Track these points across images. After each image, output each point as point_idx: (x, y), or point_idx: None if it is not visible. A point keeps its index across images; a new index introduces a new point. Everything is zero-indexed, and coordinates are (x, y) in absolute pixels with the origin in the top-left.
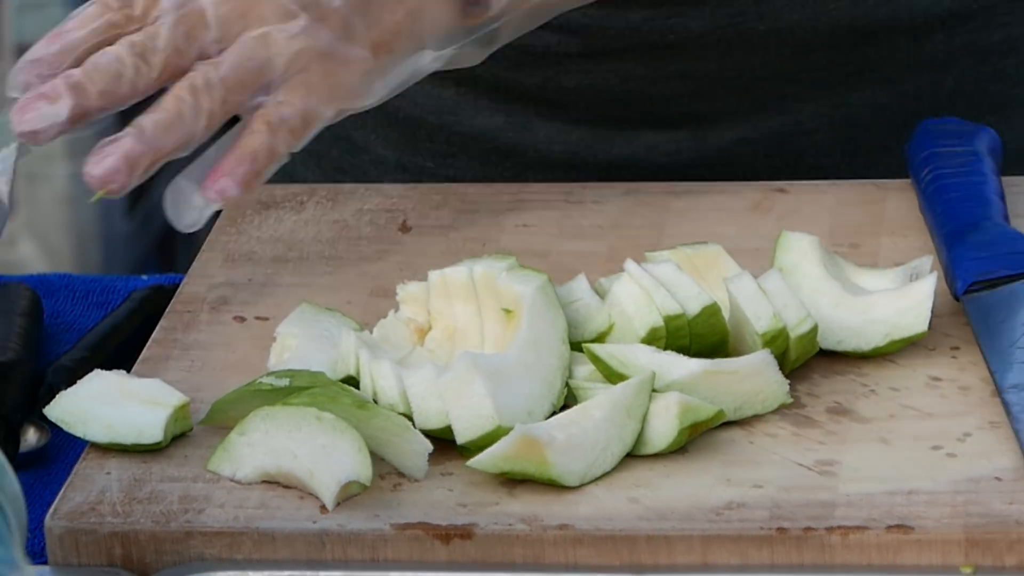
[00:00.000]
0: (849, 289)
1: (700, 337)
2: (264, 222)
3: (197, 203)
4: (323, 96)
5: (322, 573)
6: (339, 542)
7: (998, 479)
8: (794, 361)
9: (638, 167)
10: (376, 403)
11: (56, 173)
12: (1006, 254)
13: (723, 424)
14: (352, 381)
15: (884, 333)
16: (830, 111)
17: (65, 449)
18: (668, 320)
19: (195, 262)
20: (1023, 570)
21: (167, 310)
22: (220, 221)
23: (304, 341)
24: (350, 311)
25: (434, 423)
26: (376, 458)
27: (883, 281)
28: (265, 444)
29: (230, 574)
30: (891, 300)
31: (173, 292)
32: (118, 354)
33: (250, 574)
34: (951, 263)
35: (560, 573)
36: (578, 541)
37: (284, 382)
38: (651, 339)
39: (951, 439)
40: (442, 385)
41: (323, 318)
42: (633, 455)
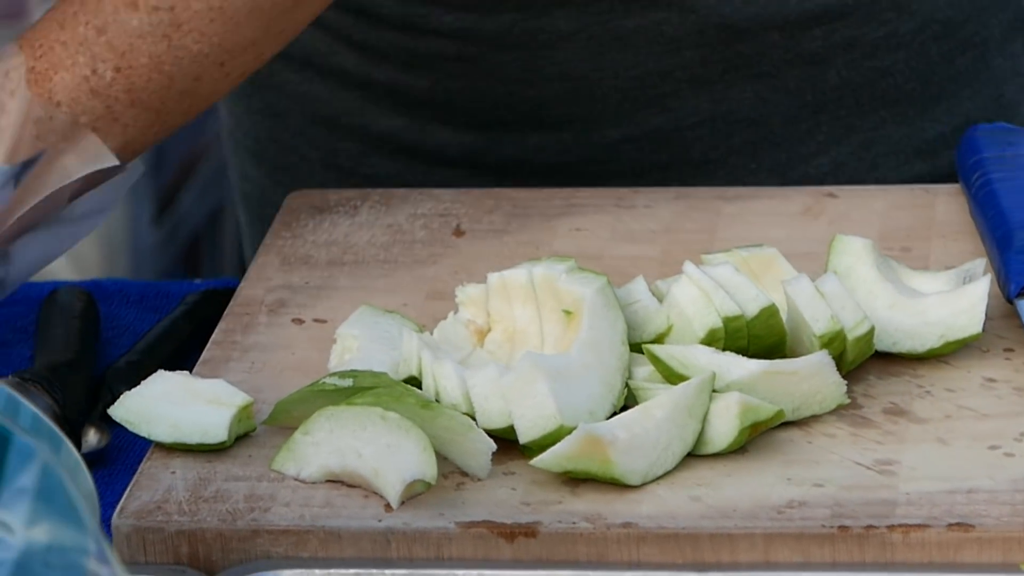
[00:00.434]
0: (903, 292)
1: (758, 339)
2: (319, 226)
3: None
4: None
5: (387, 571)
6: (404, 540)
7: None
8: (851, 363)
9: (531, 168)
10: (439, 403)
11: None
12: None
13: (781, 424)
14: (414, 382)
15: (939, 335)
16: (710, 107)
17: (125, 450)
18: (727, 321)
19: (252, 266)
20: None
21: (226, 312)
22: (275, 225)
23: (365, 342)
24: (407, 313)
25: (497, 423)
26: (439, 457)
27: (936, 284)
28: (330, 443)
29: (296, 572)
30: (945, 302)
31: (225, 296)
32: (173, 356)
33: (316, 572)
34: (1004, 266)
35: (623, 571)
36: (641, 539)
37: (347, 382)
38: (710, 340)
39: (1008, 439)
40: (505, 385)
41: (383, 320)
42: (694, 454)
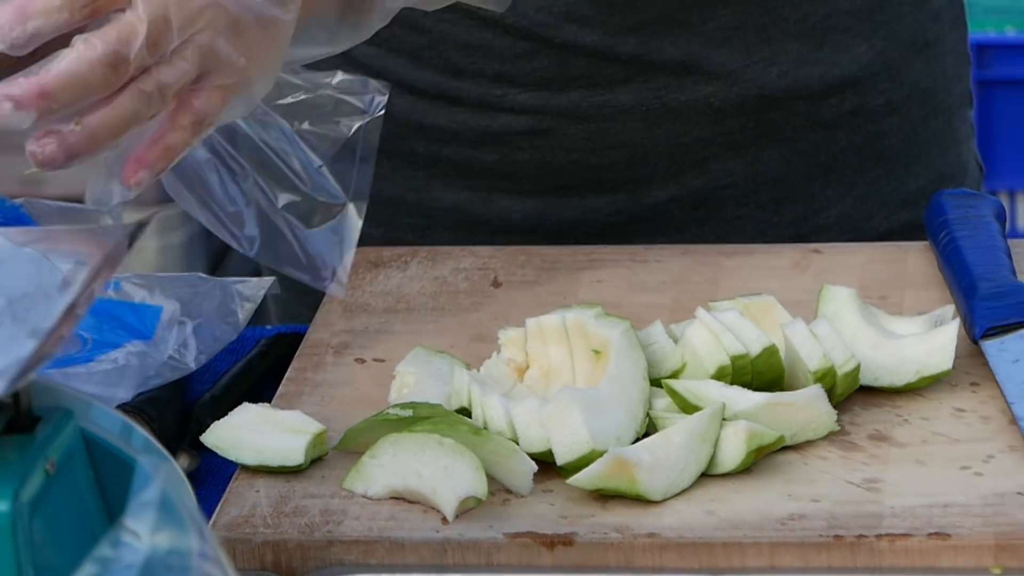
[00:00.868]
0: (883, 334)
1: (760, 374)
2: (375, 279)
3: (116, 190)
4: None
5: None
6: (459, 549)
7: (1020, 494)
8: (840, 395)
9: (586, 227)
10: (487, 430)
11: (149, 246)
12: (1017, 304)
13: (781, 448)
14: (464, 412)
15: (915, 371)
16: (743, 168)
17: (211, 473)
18: (734, 359)
19: (318, 313)
20: None
21: (297, 353)
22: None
23: (421, 378)
24: (455, 354)
25: (537, 447)
26: (488, 477)
27: (911, 327)
28: (393, 465)
29: None
30: (920, 343)
31: (294, 339)
32: (250, 392)
33: None
34: (969, 312)
35: (648, 574)
36: (664, 547)
37: (408, 413)
38: (719, 376)
39: (978, 460)
40: (544, 415)
41: (436, 359)
42: (707, 474)
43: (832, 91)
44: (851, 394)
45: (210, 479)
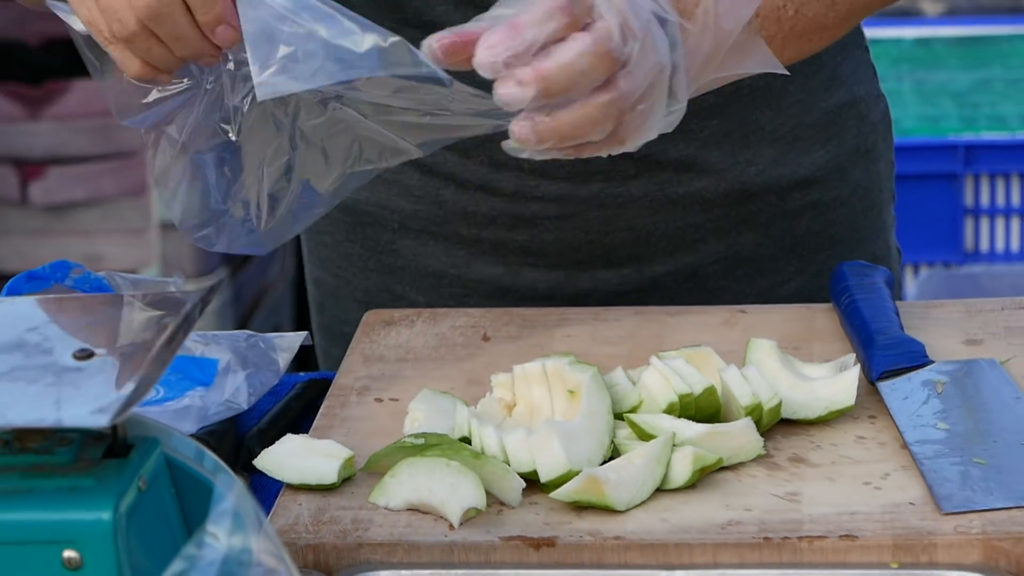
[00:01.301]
0: (798, 377)
1: (702, 409)
2: (388, 335)
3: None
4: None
5: (451, 571)
6: (463, 550)
7: (912, 504)
8: (765, 425)
9: (598, 296)
10: (484, 454)
11: None
12: (905, 353)
13: (719, 468)
14: (465, 440)
15: (824, 406)
16: (724, 248)
17: (261, 490)
18: (681, 397)
19: (343, 363)
20: (933, 566)
21: (327, 395)
22: (357, 334)
23: (429, 414)
24: (455, 394)
25: (524, 468)
26: (486, 491)
27: (821, 371)
28: (410, 483)
29: (389, 572)
30: (828, 384)
31: (324, 383)
32: (291, 425)
33: (403, 572)
34: (867, 359)
35: (615, 570)
36: (627, 548)
37: (420, 441)
38: (669, 410)
39: (876, 477)
40: (530, 443)
41: (440, 398)
42: (661, 489)
43: (796, 187)
44: (774, 425)
45: (260, 495)
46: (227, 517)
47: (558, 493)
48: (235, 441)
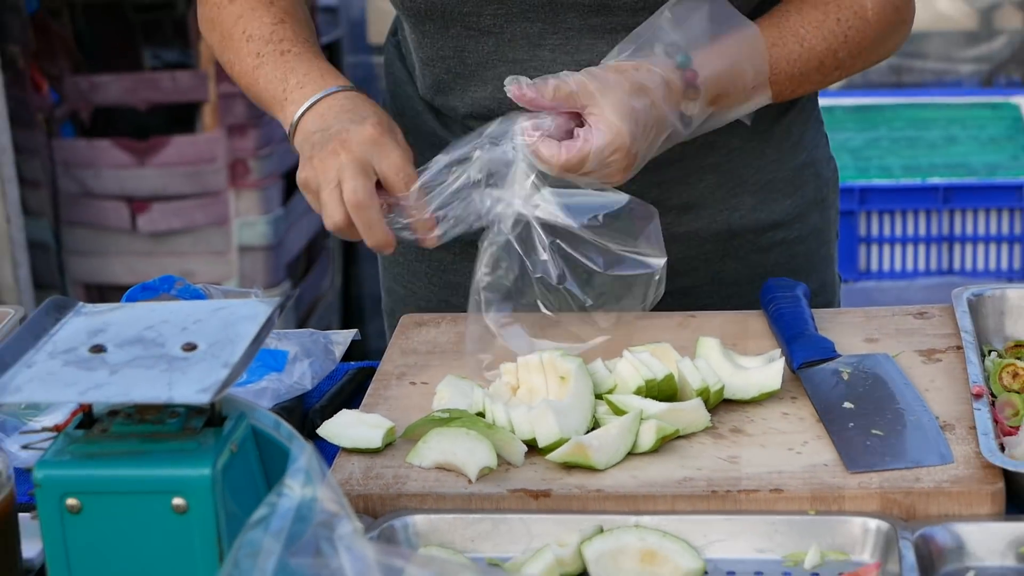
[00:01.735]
0: (736, 367)
1: (663, 391)
2: (419, 333)
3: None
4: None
5: (470, 515)
6: (479, 499)
7: (825, 465)
8: (711, 404)
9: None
10: (496, 425)
11: None
12: (819, 348)
13: (676, 437)
14: (480, 414)
15: (757, 389)
16: (712, 276)
17: (320, 453)
18: (647, 382)
19: (385, 354)
20: (842, 512)
21: (373, 380)
22: (396, 332)
23: (452, 394)
24: (472, 379)
25: (526, 436)
26: (496, 454)
27: (754, 362)
28: (438, 447)
29: (421, 516)
30: (760, 372)
31: (371, 370)
32: (345, 402)
33: (432, 516)
34: (789, 353)
35: (596, 514)
36: (606, 498)
37: (446, 415)
38: (638, 392)
39: (798, 444)
40: (531, 416)
41: (461, 382)
42: (631, 453)
43: (769, 228)
44: (718, 404)
45: (321, 456)
46: (300, 473)
47: (552, 456)
48: (302, 415)
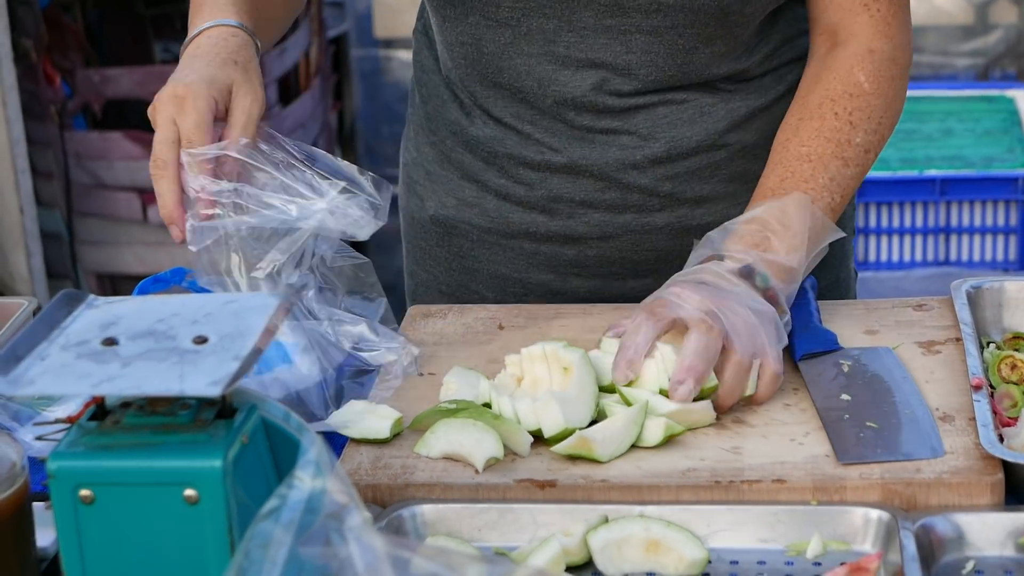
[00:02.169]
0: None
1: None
2: (427, 324)
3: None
4: None
5: (477, 505)
6: (485, 489)
7: (827, 456)
8: (706, 394)
9: (627, 300)
10: (502, 416)
11: None
12: (822, 340)
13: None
14: (487, 405)
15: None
16: None
17: (329, 443)
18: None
19: None
20: (844, 503)
21: (380, 371)
22: (404, 323)
23: (459, 385)
24: (478, 369)
25: (532, 427)
26: (503, 445)
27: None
28: (445, 437)
29: (429, 506)
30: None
31: None
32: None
33: (440, 506)
34: (793, 344)
35: (601, 504)
36: (610, 488)
37: (453, 406)
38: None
39: (799, 435)
40: (536, 408)
41: (467, 373)
42: (636, 446)
43: None
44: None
45: (330, 446)
46: (310, 465)
47: (557, 448)
48: (310, 406)
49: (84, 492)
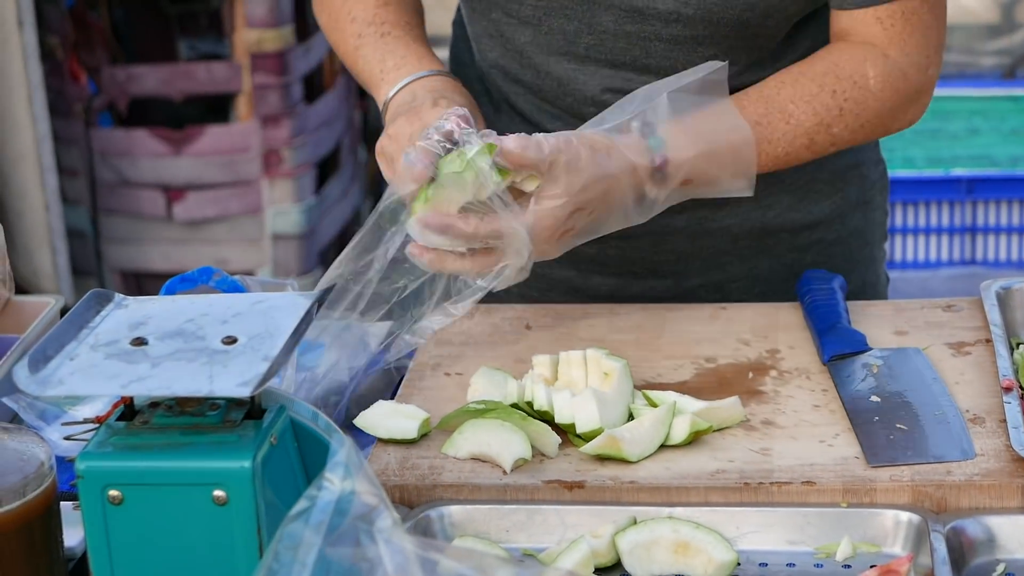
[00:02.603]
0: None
1: None
2: (454, 323)
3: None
4: None
5: (505, 506)
6: (513, 490)
7: (857, 457)
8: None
9: (646, 299)
10: (531, 408)
11: None
12: (851, 341)
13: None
14: (515, 406)
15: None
16: (746, 272)
17: (358, 442)
18: None
19: (419, 347)
20: (874, 505)
21: (408, 371)
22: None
23: (486, 385)
24: (505, 370)
25: (565, 420)
26: (531, 445)
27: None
28: (473, 438)
29: (457, 507)
30: None
31: (406, 362)
32: (380, 393)
33: (467, 507)
34: (821, 345)
35: (629, 506)
36: (639, 490)
37: (481, 406)
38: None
39: (829, 436)
40: (573, 402)
41: (495, 373)
42: (664, 446)
43: (805, 228)
44: (750, 396)
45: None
46: (340, 467)
47: (585, 448)
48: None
49: (113, 492)
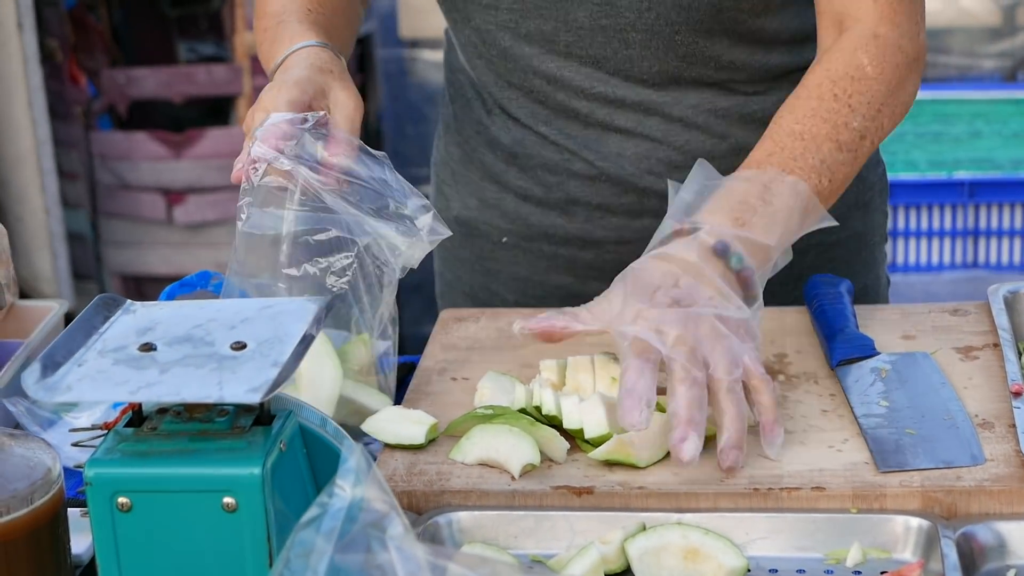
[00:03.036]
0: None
1: None
2: (460, 329)
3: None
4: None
5: (513, 512)
6: (522, 496)
7: (866, 463)
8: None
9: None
10: (539, 413)
11: None
12: (859, 346)
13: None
14: (523, 411)
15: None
16: None
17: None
18: None
19: (425, 350)
20: (884, 511)
21: (414, 375)
22: (436, 327)
23: (493, 390)
24: (512, 374)
25: (573, 425)
26: (539, 451)
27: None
28: (481, 443)
29: (465, 513)
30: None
31: (412, 366)
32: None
33: (476, 513)
34: (829, 350)
35: (638, 512)
36: (648, 496)
37: (488, 411)
38: None
39: (838, 442)
40: (581, 407)
41: (502, 378)
42: None
43: (815, 232)
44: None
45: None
46: (351, 474)
47: (595, 453)
48: None
49: (122, 500)
